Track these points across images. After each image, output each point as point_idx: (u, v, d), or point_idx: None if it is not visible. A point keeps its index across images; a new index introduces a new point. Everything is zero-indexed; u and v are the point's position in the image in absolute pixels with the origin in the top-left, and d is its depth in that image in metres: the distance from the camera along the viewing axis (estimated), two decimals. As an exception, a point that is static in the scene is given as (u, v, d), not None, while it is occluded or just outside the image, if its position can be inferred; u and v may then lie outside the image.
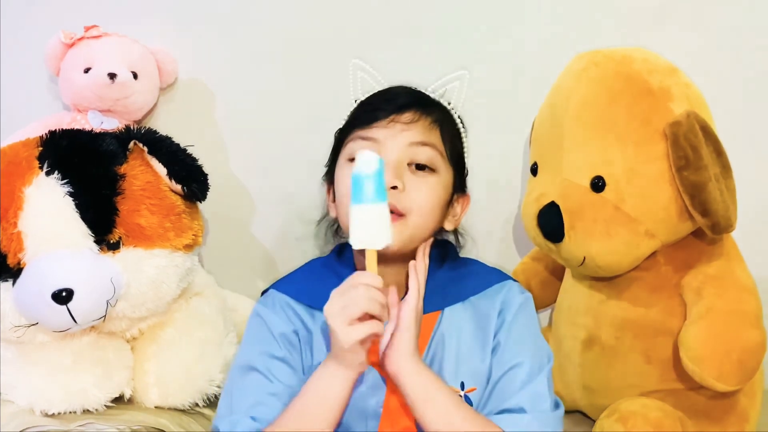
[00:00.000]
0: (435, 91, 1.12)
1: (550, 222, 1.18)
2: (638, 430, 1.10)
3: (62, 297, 1.09)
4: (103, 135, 1.21)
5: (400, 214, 1.01)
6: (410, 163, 1.03)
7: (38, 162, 1.14)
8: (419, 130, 1.04)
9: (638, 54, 1.17)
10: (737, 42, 1.40)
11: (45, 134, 1.19)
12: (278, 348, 1.04)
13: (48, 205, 1.12)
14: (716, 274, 1.17)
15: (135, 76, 1.42)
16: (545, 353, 1.05)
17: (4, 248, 1.12)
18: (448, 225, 1.11)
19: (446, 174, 1.07)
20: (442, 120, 1.08)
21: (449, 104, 1.12)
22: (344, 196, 1.04)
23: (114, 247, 1.15)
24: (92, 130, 1.27)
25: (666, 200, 1.13)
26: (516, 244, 1.53)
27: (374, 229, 0.95)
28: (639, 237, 1.14)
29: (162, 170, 1.20)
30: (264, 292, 1.13)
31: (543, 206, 1.19)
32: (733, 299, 1.14)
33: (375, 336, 0.94)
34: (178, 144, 1.23)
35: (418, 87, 1.12)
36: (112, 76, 1.40)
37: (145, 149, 1.20)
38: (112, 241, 1.15)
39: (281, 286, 1.12)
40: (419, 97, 1.09)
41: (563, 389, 1.32)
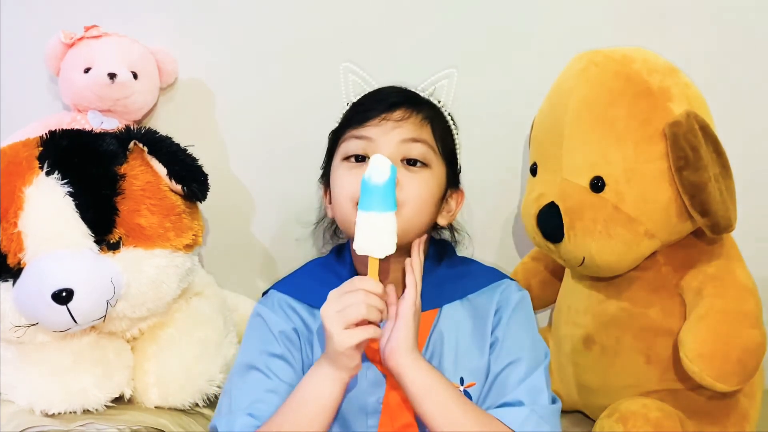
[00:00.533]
0: (425, 90, 1.13)
1: (550, 222, 1.18)
2: (638, 430, 1.10)
3: (62, 297, 1.09)
4: (103, 135, 1.21)
5: None
6: (403, 159, 1.04)
7: (38, 162, 1.14)
8: (410, 127, 1.05)
9: (638, 54, 1.17)
10: (737, 42, 1.40)
11: (45, 134, 1.19)
12: (277, 345, 1.05)
13: (48, 205, 1.12)
14: (716, 274, 1.17)
15: (135, 76, 1.42)
16: (542, 349, 1.05)
17: (4, 248, 1.12)
18: (442, 220, 1.11)
19: (439, 169, 1.07)
20: (433, 117, 1.09)
21: (439, 102, 1.13)
22: (340, 196, 1.04)
23: (114, 247, 1.15)
24: (92, 130, 1.27)
25: (666, 200, 1.13)
26: (516, 244, 1.53)
27: (379, 238, 0.96)
28: (639, 237, 1.14)
29: (162, 170, 1.20)
30: (264, 293, 1.14)
31: (542, 206, 1.19)
32: (733, 299, 1.14)
33: (371, 341, 0.95)
34: (178, 144, 1.23)
35: (408, 86, 1.13)
36: (112, 76, 1.39)
37: (145, 149, 1.20)
38: (112, 241, 1.15)
39: (281, 287, 1.12)
40: (409, 96, 1.11)
41: (563, 389, 1.32)
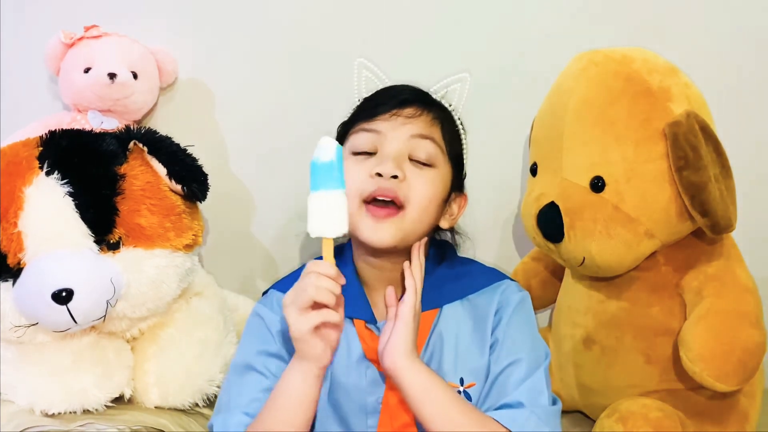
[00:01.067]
0: (436, 92, 1.14)
1: (550, 222, 1.18)
2: (638, 430, 1.10)
3: (62, 297, 1.09)
4: (103, 135, 1.21)
5: (400, 205, 1.02)
6: (410, 158, 1.05)
7: (38, 162, 1.14)
8: (421, 125, 1.06)
9: (638, 54, 1.17)
10: (737, 42, 1.40)
11: (45, 134, 1.19)
12: (274, 345, 1.05)
13: (48, 205, 1.12)
14: (716, 274, 1.17)
15: (135, 76, 1.42)
16: (543, 350, 1.05)
17: (4, 248, 1.12)
18: (445, 223, 1.11)
19: (445, 170, 1.07)
20: (443, 118, 1.10)
21: (450, 105, 1.13)
22: (347, 188, 1.04)
23: (114, 247, 1.15)
24: (92, 130, 1.27)
25: (666, 200, 1.13)
26: (516, 244, 1.53)
27: (331, 217, 0.94)
28: (639, 237, 1.14)
29: (162, 170, 1.20)
30: (264, 293, 1.14)
31: (543, 206, 1.19)
32: (733, 299, 1.14)
33: (330, 326, 0.94)
34: (178, 144, 1.23)
35: (420, 86, 1.13)
36: (112, 76, 1.39)
37: (145, 149, 1.20)
38: (112, 241, 1.15)
39: (281, 286, 1.12)
40: (421, 94, 1.11)
41: (563, 389, 1.32)
